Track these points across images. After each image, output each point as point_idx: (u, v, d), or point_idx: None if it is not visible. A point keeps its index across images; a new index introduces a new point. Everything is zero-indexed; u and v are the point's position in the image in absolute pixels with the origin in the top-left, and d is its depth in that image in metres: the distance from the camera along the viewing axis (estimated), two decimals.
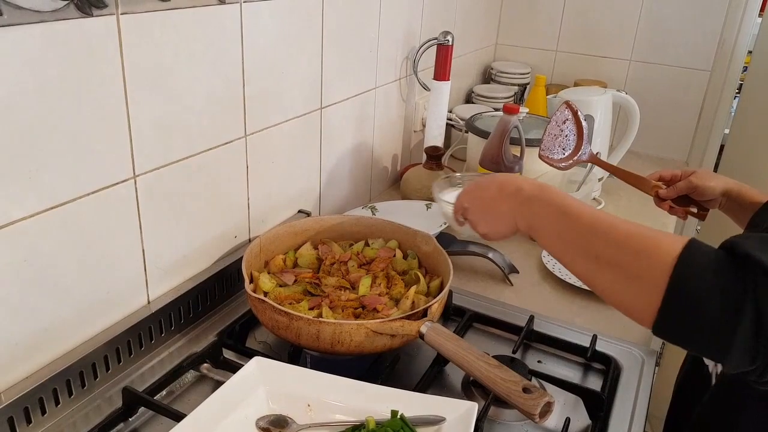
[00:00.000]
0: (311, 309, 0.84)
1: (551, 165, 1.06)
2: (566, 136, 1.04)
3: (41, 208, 0.67)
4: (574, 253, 0.60)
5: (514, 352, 0.88)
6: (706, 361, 0.78)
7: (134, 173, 0.78)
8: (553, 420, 0.77)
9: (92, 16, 0.66)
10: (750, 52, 1.80)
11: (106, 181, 0.74)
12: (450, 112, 1.57)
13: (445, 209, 0.82)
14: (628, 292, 0.54)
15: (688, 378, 0.86)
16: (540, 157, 1.07)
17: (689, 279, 0.50)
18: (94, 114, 0.70)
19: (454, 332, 0.77)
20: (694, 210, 0.96)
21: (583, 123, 1.04)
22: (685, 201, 0.94)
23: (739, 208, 0.88)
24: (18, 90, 0.61)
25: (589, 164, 1.38)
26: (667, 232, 0.55)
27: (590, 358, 0.89)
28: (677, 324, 0.51)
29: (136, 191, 0.78)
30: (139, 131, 0.76)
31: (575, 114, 1.04)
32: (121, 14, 0.70)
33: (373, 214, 1.23)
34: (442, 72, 1.39)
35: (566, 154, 1.05)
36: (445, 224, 1.17)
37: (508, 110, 1.19)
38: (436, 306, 0.81)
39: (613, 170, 1.02)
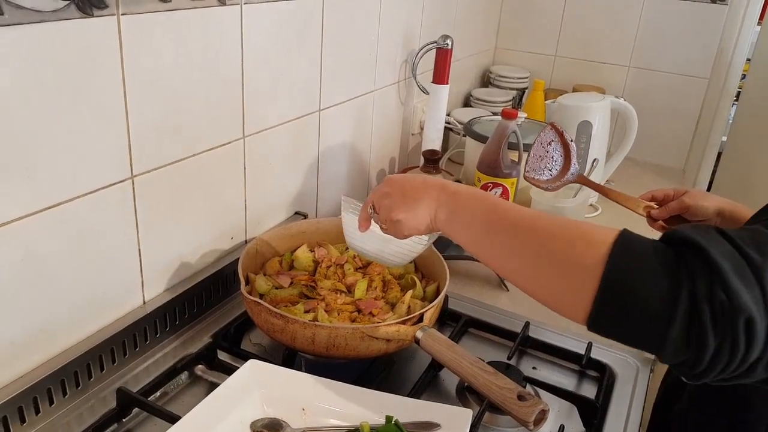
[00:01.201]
0: (307, 312, 0.84)
1: (537, 186, 1.05)
2: (552, 157, 1.03)
3: (38, 207, 0.67)
4: (501, 246, 0.57)
5: (509, 358, 0.88)
6: None
7: (132, 174, 0.77)
8: (548, 427, 0.77)
9: (93, 16, 0.66)
10: (748, 60, 1.81)
11: (104, 181, 0.74)
12: (448, 115, 1.58)
13: (349, 216, 0.76)
14: (559, 285, 0.52)
15: (666, 392, 0.87)
16: (526, 178, 1.06)
17: (624, 267, 0.47)
18: (93, 114, 0.70)
19: (449, 337, 0.77)
20: None
21: (571, 144, 1.04)
22: (678, 221, 0.92)
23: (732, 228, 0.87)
24: (17, 89, 0.61)
25: (589, 168, 1.38)
26: (599, 225, 0.52)
27: (585, 365, 0.89)
28: (613, 315, 0.48)
29: (134, 192, 0.78)
30: (137, 132, 0.76)
31: (561, 135, 1.04)
32: (122, 15, 0.70)
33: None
34: (441, 75, 1.39)
35: (553, 174, 1.04)
36: None
37: (507, 115, 1.19)
38: (432, 311, 0.81)
39: (603, 191, 0.99)
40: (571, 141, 1.04)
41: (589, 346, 0.90)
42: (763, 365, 0.46)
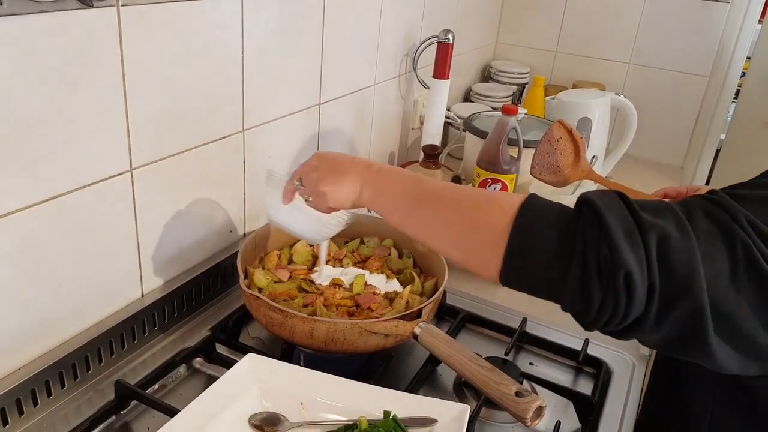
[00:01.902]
0: (305, 306, 0.84)
1: (545, 182, 1.05)
2: (560, 153, 1.04)
3: (38, 199, 0.67)
4: (425, 217, 0.62)
5: (506, 354, 0.88)
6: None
7: (131, 166, 0.77)
8: (544, 423, 0.77)
9: (92, 7, 0.66)
10: (748, 58, 1.81)
11: (103, 173, 0.74)
12: (448, 110, 1.57)
13: (273, 182, 0.79)
14: (475, 247, 0.57)
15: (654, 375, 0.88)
16: (533, 174, 1.06)
17: (528, 226, 0.53)
18: (92, 106, 0.70)
19: (447, 333, 0.78)
20: None
21: (581, 140, 1.04)
22: None
23: None
24: (16, 80, 0.61)
25: (593, 161, 1.38)
26: (514, 194, 0.57)
27: (582, 361, 0.89)
28: (519, 270, 0.53)
29: (133, 184, 0.78)
30: (136, 124, 0.76)
31: (570, 132, 1.04)
32: (122, 6, 0.69)
33: (369, 211, 1.22)
34: (441, 70, 1.39)
35: (561, 171, 1.04)
36: None
37: (507, 111, 1.19)
38: (431, 307, 0.82)
39: (615, 187, 1.00)
40: (581, 138, 1.04)
41: (586, 342, 0.91)
42: (650, 324, 0.48)
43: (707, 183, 2.00)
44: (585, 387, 0.86)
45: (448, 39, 1.36)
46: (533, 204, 0.54)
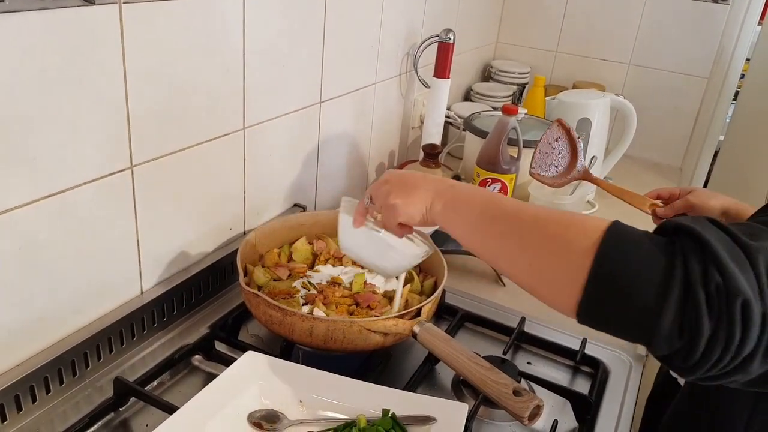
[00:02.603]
0: (305, 304, 0.84)
1: (543, 182, 1.05)
2: (558, 153, 1.04)
3: (38, 196, 0.67)
4: (497, 235, 0.57)
5: (504, 353, 0.89)
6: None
7: (131, 163, 0.77)
8: (541, 422, 0.78)
9: (94, 4, 0.66)
10: (748, 59, 1.81)
11: (103, 170, 0.74)
12: (448, 109, 1.57)
13: (347, 207, 0.75)
14: (551, 272, 0.51)
15: (660, 387, 0.87)
16: (531, 175, 1.06)
17: (616, 253, 0.46)
18: (93, 103, 0.70)
19: (445, 332, 0.78)
20: None
21: (578, 141, 1.04)
22: None
23: None
24: (18, 76, 0.61)
25: (587, 165, 1.39)
26: (594, 216, 0.52)
27: (579, 361, 0.90)
28: (603, 301, 0.47)
29: (133, 181, 0.78)
30: (137, 121, 0.76)
31: (568, 132, 1.04)
32: (124, 3, 0.69)
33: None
34: (442, 70, 1.39)
35: (559, 171, 1.05)
36: None
37: (507, 111, 1.19)
38: (430, 306, 0.82)
39: (609, 188, 1.00)
40: (578, 138, 1.04)
41: (584, 342, 0.91)
42: (759, 359, 0.44)
43: (705, 184, 2.00)
44: (582, 386, 0.86)
45: (449, 38, 1.36)
46: (620, 227, 0.48)
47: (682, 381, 0.78)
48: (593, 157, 1.41)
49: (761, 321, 0.42)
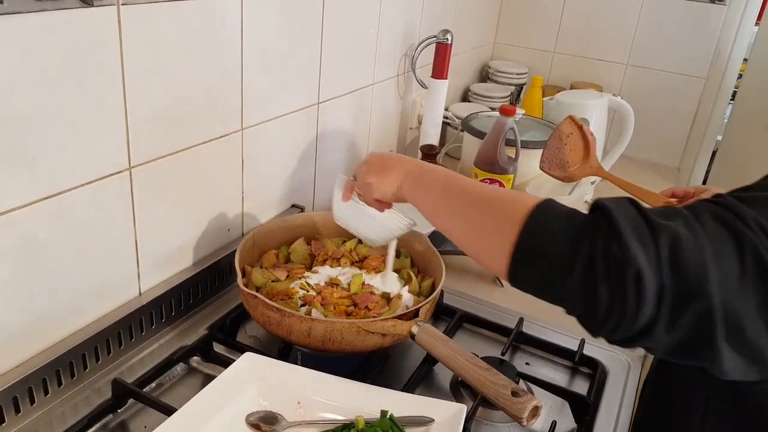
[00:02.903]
0: (303, 305, 0.84)
1: (554, 177, 1.06)
2: (570, 149, 1.04)
3: (37, 197, 0.67)
4: (448, 207, 0.65)
5: (503, 353, 0.89)
6: None
7: (130, 164, 0.77)
8: (540, 423, 0.78)
9: (93, 5, 0.66)
10: (745, 60, 1.82)
11: (102, 171, 0.74)
12: (446, 110, 1.57)
13: (339, 184, 0.84)
14: (489, 240, 0.58)
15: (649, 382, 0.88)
16: (542, 169, 1.07)
17: (538, 225, 0.53)
18: (92, 104, 0.70)
19: (443, 332, 0.78)
20: None
21: (591, 137, 1.05)
22: None
23: None
24: (17, 78, 0.61)
25: None
26: (534, 195, 0.58)
27: (578, 361, 0.90)
28: (525, 268, 0.54)
29: (131, 182, 0.78)
30: (135, 122, 0.76)
31: (580, 128, 1.05)
32: (122, 4, 0.69)
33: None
34: (440, 70, 1.39)
35: (571, 166, 1.05)
36: None
37: (505, 112, 1.19)
38: (428, 306, 0.82)
39: (623, 184, 1.00)
40: (592, 134, 1.05)
41: (582, 342, 0.91)
42: (662, 328, 0.48)
43: (703, 184, 2.01)
44: (581, 387, 0.86)
45: (447, 39, 1.36)
46: (549, 204, 0.54)
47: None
48: None
49: (657, 292, 0.47)
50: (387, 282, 0.91)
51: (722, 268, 0.47)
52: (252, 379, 0.71)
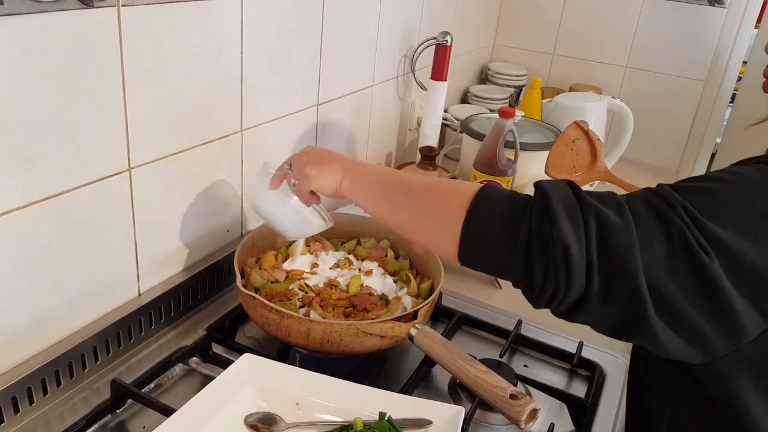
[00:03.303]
0: (301, 307, 0.85)
1: None
2: (577, 153, 1.05)
3: (36, 198, 0.67)
4: (394, 203, 0.69)
5: (501, 356, 0.89)
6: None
7: (129, 165, 0.77)
8: (538, 425, 0.78)
9: (93, 7, 0.66)
10: (745, 62, 1.82)
11: (102, 172, 0.74)
12: (445, 111, 1.58)
13: (265, 171, 0.82)
14: (438, 228, 0.62)
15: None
16: (547, 173, 1.07)
17: (482, 208, 0.58)
18: (92, 105, 0.70)
19: (442, 334, 0.78)
20: None
21: (598, 142, 1.05)
22: None
23: None
24: (16, 79, 0.61)
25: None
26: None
27: (576, 364, 0.90)
28: (474, 248, 0.59)
29: (131, 183, 0.78)
30: (135, 123, 0.76)
31: (586, 133, 1.06)
32: (122, 6, 0.69)
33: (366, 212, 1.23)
34: (439, 72, 1.39)
35: (576, 171, 1.06)
36: None
37: (504, 114, 1.19)
38: (426, 308, 0.82)
39: (629, 188, 1.01)
40: (598, 139, 1.05)
41: (580, 345, 0.91)
42: (595, 302, 0.52)
43: None
44: (579, 389, 0.87)
45: (447, 41, 1.36)
46: (489, 190, 0.59)
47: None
48: None
49: (585, 267, 0.51)
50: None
51: (649, 250, 0.51)
52: (251, 380, 0.71)
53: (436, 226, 0.62)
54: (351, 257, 0.98)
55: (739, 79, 1.84)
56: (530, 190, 1.30)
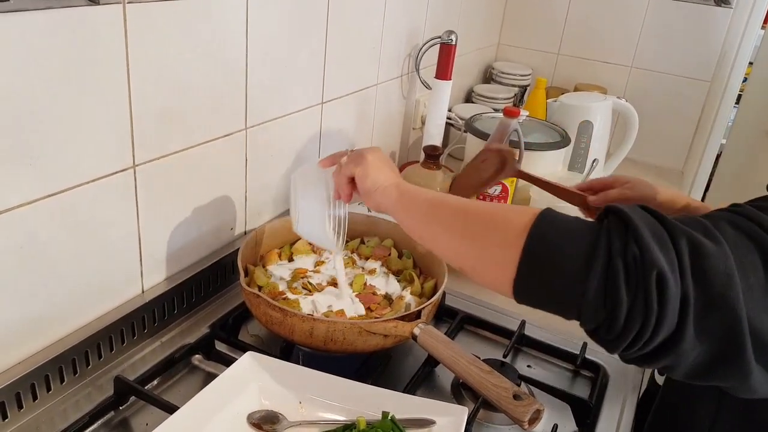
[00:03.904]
0: (305, 291, 0.85)
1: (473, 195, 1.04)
2: (483, 171, 1.02)
3: (40, 195, 0.67)
4: (441, 219, 0.62)
5: (504, 356, 0.89)
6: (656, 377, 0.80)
7: (134, 163, 0.77)
8: (541, 426, 0.77)
9: (99, 3, 0.66)
10: (751, 63, 1.81)
11: (106, 170, 0.74)
12: (449, 110, 1.57)
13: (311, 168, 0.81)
14: (489, 256, 0.54)
15: (645, 395, 0.87)
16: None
17: (546, 233, 0.49)
18: (97, 102, 0.70)
19: (445, 334, 0.78)
20: None
21: (510, 152, 1.02)
22: None
23: None
24: (22, 76, 0.61)
25: (588, 169, 1.39)
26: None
27: (579, 365, 0.90)
28: (534, 277, 0.49)
29: (135, 181, 0.78)
30: (140, 121, 0.76)
31: (498, 151, 1.02)
32: (128, 3, 0.69)
33: (369, 211, 1.23)
34: (444, 71, 1.39)
35: (485, 185, 1.04)
36: None
37: (509, 113, 1.19)
38: (430, 308, 0.82)
39: (540, 183, 0.98)
40: (509, 138, 1.03)
41: (584, 346, 0.91)
42: (688, 340, 0.44)
43: (707, 188, 2.00)
44: (582, 390, 0.86)
45: (451, 40, 1.36)
46: (552, 212, 0.51)
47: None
48: (595, 160, 1.41)
49: (681, 298, 0.44)
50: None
51: (746, 279, 0.44)
52: (253, 379, 0.71)
53: (489, 250, 0.54)
54: (354, 256, 0.98)
55: (745, 80, 1.84)
56: (534, 191, 1.29)
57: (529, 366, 0.91)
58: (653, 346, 0.45)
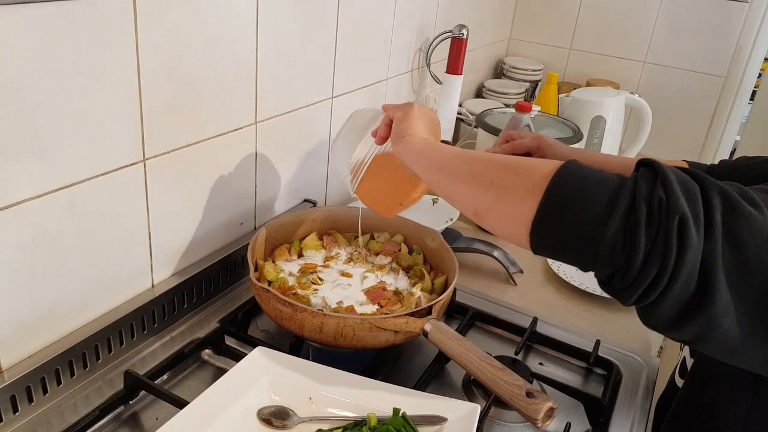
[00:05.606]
0: (314, 286, 0.84)
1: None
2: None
3: (50, 188, 0.66)
4: (465, 162, 0.60)
5: (516, 353, 0.88)
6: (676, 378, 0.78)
7: (144, 156, 0.77)
8: (554, 424, 0.77)
9: None
10: (766, 59, 1.78)
11: (116, 163, 0.73)
12: (460, 105, 1.56)
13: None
14: (510, 188, 0.52)
15: (665, 394, 0.86)
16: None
17: (570, 177, 0.48)
18: (107, 95, 0.69)
19: (456, 330, 0.77)
20: None
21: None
22: None
23: None
24: (31, 68, 0.61)
25: None
26: None
27: (592, 363, 0.88)
28: (555, 216, 0.48)
29: (145, 175, 0.78)
30: (150, 114, 0.76)
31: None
32: None
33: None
34: (455, 66, 1.38)
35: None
36: (451, 220, 1.16)
37: (521, 108, 1.18)
38: (441, 304, 0.81)
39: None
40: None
41: (597, 343, 0.90)
42: (723, 300, 0.42)
43: None
44: (595, 389, 0.85)
45: (462, 34, 1.35)
46: (579, 161, 0.50)
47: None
48: None
49: (705, 253, 0.42)
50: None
51: None
52: (263, 374, 0.70)
53: (510, 194, 0.52)
54: (364, 251, 0.97)
55: (760, 75, 1.81)
56: None
57: (541, 363, 0.90)
58: (673, 300, 0.43)
